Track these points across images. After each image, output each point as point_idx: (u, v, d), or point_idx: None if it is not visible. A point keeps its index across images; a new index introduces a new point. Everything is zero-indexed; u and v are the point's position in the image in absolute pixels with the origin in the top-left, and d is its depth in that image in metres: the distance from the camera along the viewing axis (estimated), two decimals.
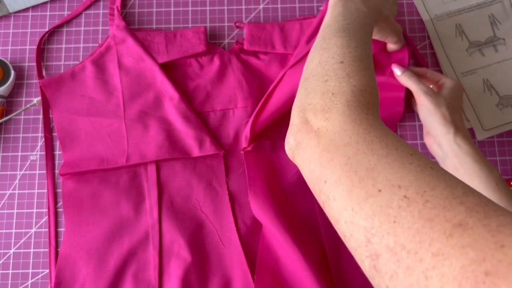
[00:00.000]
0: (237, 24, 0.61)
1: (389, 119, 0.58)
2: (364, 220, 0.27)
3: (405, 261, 0.24)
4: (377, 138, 0.31)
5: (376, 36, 0.55)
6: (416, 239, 0.23)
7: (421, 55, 0.61)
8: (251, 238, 0.54)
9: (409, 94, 0.58)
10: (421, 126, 0.59)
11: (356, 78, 0.36)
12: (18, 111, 0.58)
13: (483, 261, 0.21)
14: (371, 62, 0.40)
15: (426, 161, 0.28)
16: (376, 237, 0.26)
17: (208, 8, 0.63)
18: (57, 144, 0.59)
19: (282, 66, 0.59)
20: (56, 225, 0.56)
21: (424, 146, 0.58)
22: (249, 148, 0.56)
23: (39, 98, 0.59)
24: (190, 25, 0.62)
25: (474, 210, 0.23)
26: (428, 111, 0.52)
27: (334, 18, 0.45)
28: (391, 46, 0.58)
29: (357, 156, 0.30)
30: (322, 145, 0.32)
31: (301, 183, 0.56)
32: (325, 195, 0.31)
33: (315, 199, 0.55)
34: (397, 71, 0.57)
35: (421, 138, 0.59)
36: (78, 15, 0.62)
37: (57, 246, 0.56)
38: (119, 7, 0.61)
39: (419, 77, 0.57)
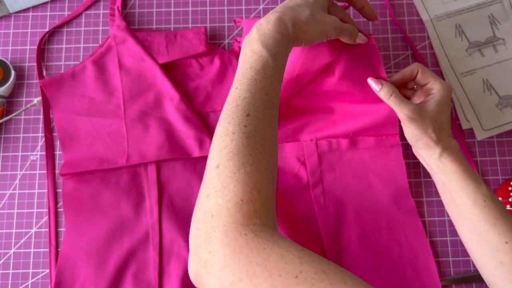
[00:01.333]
0: (236, 20, 0.61)
1: (387, 121, 0.56)
2: None
3: None
4: (260, 266, 0.30)
5: (304, 46, 0.48)
6: None
7: (421, 55, 0.61)
8: None
9: None
10: None
11: (231, 188, 0.35)
12: (19, 111, 0.58)
13: None
14: (256, 136, 0.37)
15: (313, 281, 0.28)
16: None
17: (208, 8, 0.63)
18: (58, 144, 0.59)
19: None
20: (56, 225, 0.57)
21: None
22: None
23: (40, 98, 0.59)
24: (190, 25, 0.62)
25: None
26: (413, 136, 0.50)
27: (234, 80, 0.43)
28: (345, 41, 0.51)
29: None
30: (212, 286, 0.32)
31: (300, 183, 0.56)
32: None
33: (315, 199, 0.55)
34: (374, 86, 0.51)
35: None
36: (78, 15, 0.62)
37: (57, 246, 0.56)
38: (119, 8, 0.61)
39: (405, 83, 0.53)
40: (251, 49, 0.43)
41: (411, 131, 0.50)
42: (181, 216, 0.55)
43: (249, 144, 0.37)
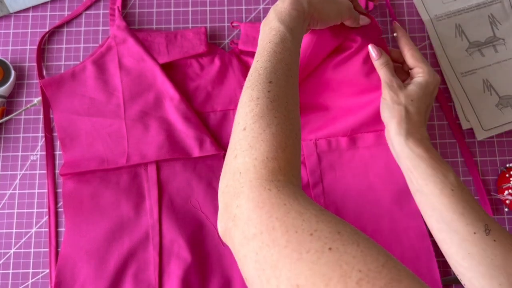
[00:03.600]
0: (233, 24, 0.61)
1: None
2: None
3: None
4: (278, 221, 0.31)
5: (320, 26, 0.51)
6: None
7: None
8: None
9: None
10: None
11: (257, 147, 0.36)
12: (19, 111, 0.58)
13: None
14: (280, 101, 0.39)
15: (326, 239, 0.29)
16: None
17: (208, 8, 0.63)
18: (58, 144, 0.59)
19: None
20: (57, 225, 0.57)
21: None
22: None
23: (40, 98, 0.59)
24: (190, 25, 0.62)
25: None
26: (386, 105, 0.51)
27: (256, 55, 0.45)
28: (349, 24, 0.54)
29: (262, 251, 0.30)
30: (238, 238, 0.33)
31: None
32: None
33: (315, 199, 0.55)
34: (373, 53, 0.53)
35: None
36: (78, 15, 0.63)
37: (57, 246, 0.56)
38: (119, 8, 0.61)
39: (397, 60, 0.56)
40: (269, 27, 0.46)
41: (385, 101, 0.52)
42: (181, 216, 0.55)
43: (273, 108, 0.39)
